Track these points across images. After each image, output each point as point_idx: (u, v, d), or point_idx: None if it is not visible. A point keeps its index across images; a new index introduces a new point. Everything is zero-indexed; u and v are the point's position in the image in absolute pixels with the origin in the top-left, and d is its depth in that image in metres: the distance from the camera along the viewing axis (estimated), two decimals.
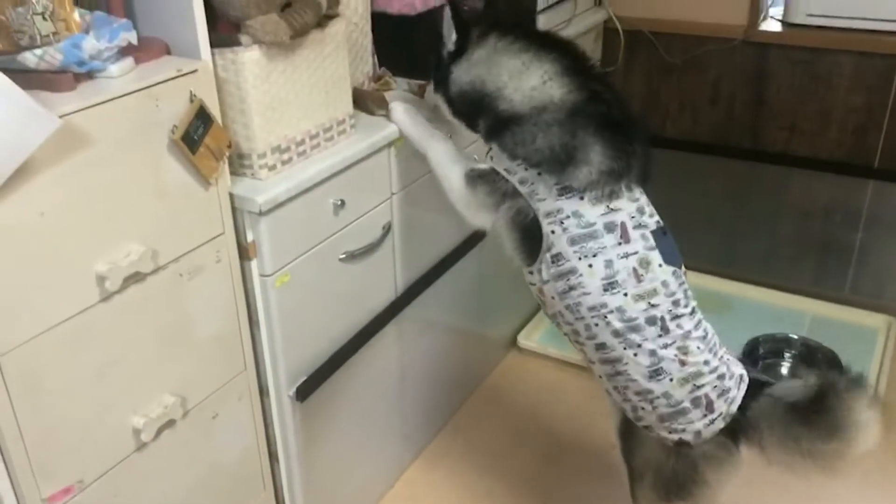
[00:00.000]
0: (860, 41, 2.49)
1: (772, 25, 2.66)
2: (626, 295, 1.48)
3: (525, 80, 1.52)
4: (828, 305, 2.78)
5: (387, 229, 1.84)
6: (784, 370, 2.53)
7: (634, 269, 1.49)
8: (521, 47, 1.55)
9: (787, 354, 2.55)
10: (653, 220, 1.55)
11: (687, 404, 1.51)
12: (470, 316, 2.37)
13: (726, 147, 2.83)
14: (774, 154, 2.76)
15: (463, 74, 1.60)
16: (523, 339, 2.68)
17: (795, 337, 2.56)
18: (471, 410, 2.45)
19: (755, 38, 2.64)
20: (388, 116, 1.77)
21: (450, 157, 1.67)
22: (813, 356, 2.51)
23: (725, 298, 2.85)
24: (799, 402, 1.50)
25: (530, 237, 1.53)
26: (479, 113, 1.59)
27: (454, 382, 2.39)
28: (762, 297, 2.84)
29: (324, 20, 1.56)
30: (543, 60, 1.53)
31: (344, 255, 1.73)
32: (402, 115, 1.75)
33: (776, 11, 2.70)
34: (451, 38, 1.62)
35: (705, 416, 1.51)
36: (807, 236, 2.84)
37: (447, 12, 1.61)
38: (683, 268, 1.58)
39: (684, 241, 2.91)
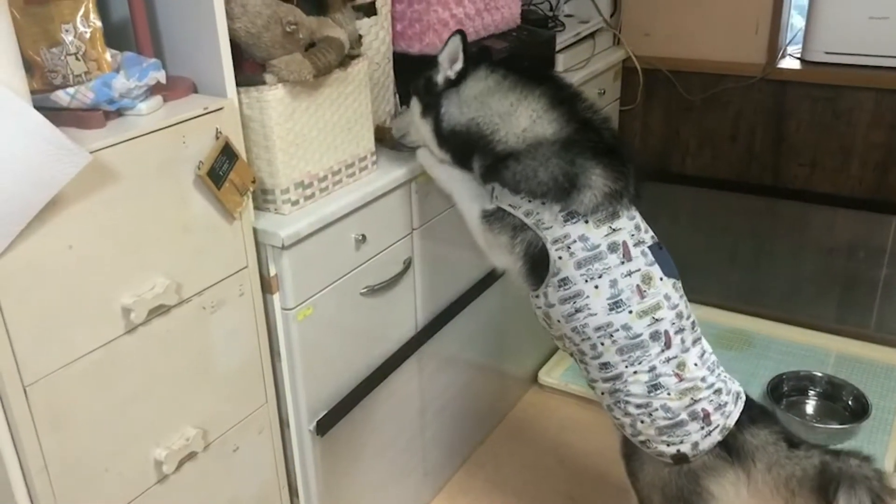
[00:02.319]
0: (880, 78, 2.50)
1: (790, 63, 2.67)
2: (630, 312, 1.52)
3: (516, 122, 1.57)
4: (852, 343, 2.74)
5: (407, 264, 1.86)
6: (809, 408, 2.50)
7: (638, 286, 1.53)
8: (509, 86, 1.60)
9: (811, 392, 2.52)
10: (648, 235, 1.59)
11: (684, 416, 1.54)
12: (490, 352, 2.37)
13: (747, 184, 2.83)
14: (795, 190, 2.76)
15: (455, 112, 1.63)
16: (544, 376, 2.67)
17: (820, 374, 2.52)
18: (492, 447, 2.44)
19: (774, 76, 2.66)
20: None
21: (469, 196, 1.69)
22: (838, 394, 2.48)
23: (748, 335, 2.82)
24: (801, 474, 1.52)
25: (537, 265, 1.56)
26: (474, 153, 1.63)
27: (475, 418, 2.38)
28: (785, 335, 2.81)
29: (346, 60, 1.60)
30: (530, 98, 1.58)
31: (365, 290, 1.75)
32: (426, 156, 1.76)
33: (794, 49, 2.71)
34: (449, 65, 1.63)
35: (702, 428, 1.54)
36: (830, 273, 2.82)
37: (454, 40, 1.61)
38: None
39: (707, 278, 2.95)
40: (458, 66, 1.63)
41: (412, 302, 1.93)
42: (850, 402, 2.44)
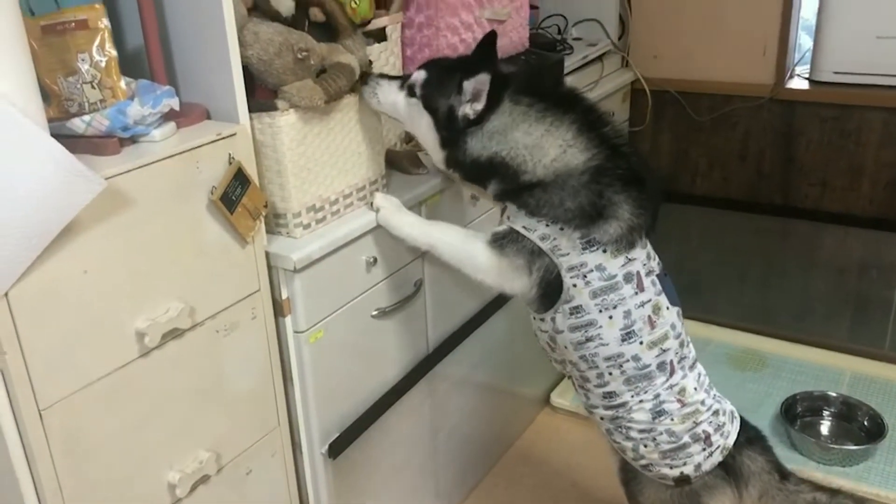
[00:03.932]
0: (888, 97, 2.50)
1: (799, 83, 2.68)
2: (641, 343, 1.51)
3: (545, 154, 1.49)
4: (867, 362, 2.72)
5: (418, 286, 1.87)
6: (824, 429, 2.48)
7: (649, 317, 1.52)
8: (536, 117, 1.51)
9: (826, 412, 2.50)
10: (656, 263, 1.59)
11: (687, 439, 1.54)
12: (502, 373, 2.37)
13: (757, 203, 2.83)
14: (806, 210, 2.76)
15: (478, 147, 1.54)
16: (556, 398, 2.66)
17: (834, 394, 2.51)
18: (504, 470, 2.43)
19: (782, 96, 2.67)
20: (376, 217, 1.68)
21: (465, 237, 1.62)
22: (853, 414, 2.46)
23: (761, 355, 2.81)
24: None
25: (550, 290, 1.53)
26: (492, 178, 1.55)
27: (487, 441, 2.37)
28: (799, 354, 2.79)
29: (357, 85, 1.62)
30: (560, 129, 1.50)
31: (376, 312, 1.76)
32: (393, 217, 1.66)
33: (803, 69, 2.72)
34: (471, 98, 1.52)
35: (704, 449, 1.56)
36: (843, 292, 2.80)
37: (481, 78, 1.50)
38: None
39: (719, 298, 2.95)
40: (479, 106, 1.52)
41: (423, 324, 1.93)
42: (865, 423, 2.42)
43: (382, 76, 1.64)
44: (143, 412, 1.35)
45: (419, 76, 1.59)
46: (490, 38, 1.59)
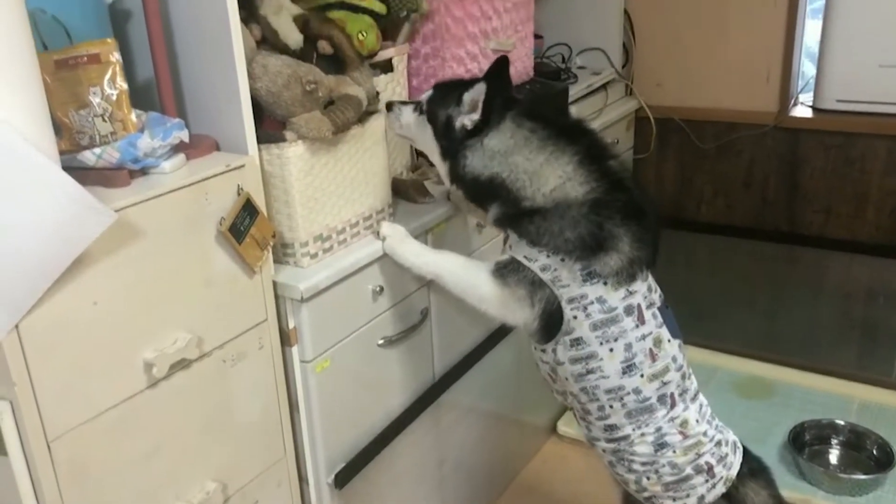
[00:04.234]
0: (892, 125, 2.52)
1: (802, 111, 2.70)
2: (642, 376, 1.51)
3: (545, 183, 1.49)
4: (875, 390, 2.71)
5: (424, 314, 1.87)
6: (832, 457, 2.46)
7: (650, 350, 1.51)
8: (539, 144, 1.51)
9: (834, 441, 2.48)
10: (657, 295, 1.58)
11: (689, 471, 1.53)
12: (508, 402, 2.36)
13: (762, 230, 2.84)
14: (811, 237, 2.76)
15: (478, 164, 1.54)
16: (563, 427, 2.65)
17: (842, 423, 2.49)
18: (510, 499, 2.41)
19: (786, 124, 2.68)
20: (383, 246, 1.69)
21: (469, 267, 1.61)
22: (862, 443, 2.44)
23: (768, 383, 2.80)
24: None
25: (551, 321, 1.52)
26: (494, 200, 1.56)
27: (493, 470, 2.36)
28: (806, 382, 2.78)
29: (364, 116, 1.63)
30: (561, 159, 1.50)
31: (382, 341, 1.76)
32: (399, 246, 1.67)
33: (806, 97, 2.74)
34: (468, 109, 1.54)
35: (707, 481, 1.55)
36: (849, 319, 2.80)
37: (478, 88, 1.51)
38: None
39: (725, 325, 2.94)
40: (475, 117, 1.53)
41: (429, 353, 1.93)
42: (874, 452, 2.40)
43: (403, 103, 1.70)
44: (150, 443, 1.35)
45: (426, 95, 1.65)
46: (501, 63, 1.58)
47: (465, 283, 1.61)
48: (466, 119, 1.55)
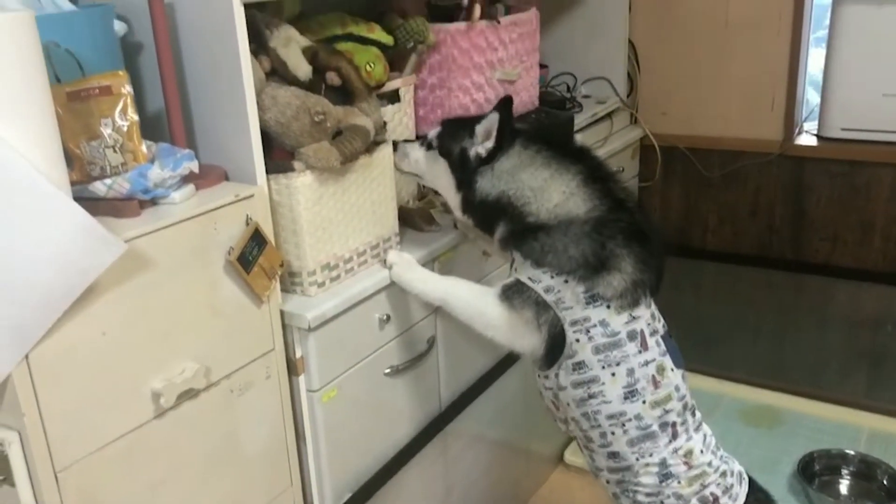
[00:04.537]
0: None
1: (807, 139, 2.71)
2: (644, 402, 1.50)
3: (549, 199, 1.53)
4: (885, 419, 2.68)
5: (431, 343, 1.87)
6: (843, 488, 2.44)
7: (653, 377, 1.51)
8: (542, 162, 1.57)
9: (844, 471, 2.46)
10: (661, 324, 1.58)
11: (695, 502, 1.52)
12: (515, 431, 2.35)
13: (768, 258, 2.84)
14: (817, 265, 2.76)
15: (487, 186, 1.59)
16: (570, 456, 2.63)
17: (852, 453, 2.47)
18: None
19: (791, 153, 2.69)
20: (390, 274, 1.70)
21: (476, 292, 1.63)
22: (872, 473, 2.42)
23: (776, 412, 2.78)
24: None
25: (555, 345, 1.52)
26: (500, 219, 1.59)
27: (500, 499, 2.34)
28: (815, 411, 2.76)
29: (372, 146, 1.65)
30: (565, 175, 1.55)
31: (389, 370, 1.76)
32: (406, 273, 1.68)
33: (811, 125, 2.75)
34: (482, 139, 1.59)
35: None
36: (858, 347, 2.78)
37: (492, 118, 1.57)
38: None
39: (732, 353, 2.93)
40: (490, 145, 1.58)
41: (436, 381, 1.93)
42: (885, 482, 2.38)
43: (407, 141, 1.76)
44: (157, 473, 1.35)
45: (434, 132, 1.70)
46: (506, 101, 1.61)
47: (472, 309, 1.62)
48: (481, 148, 1.60)
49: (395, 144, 1.74)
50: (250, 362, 1.49)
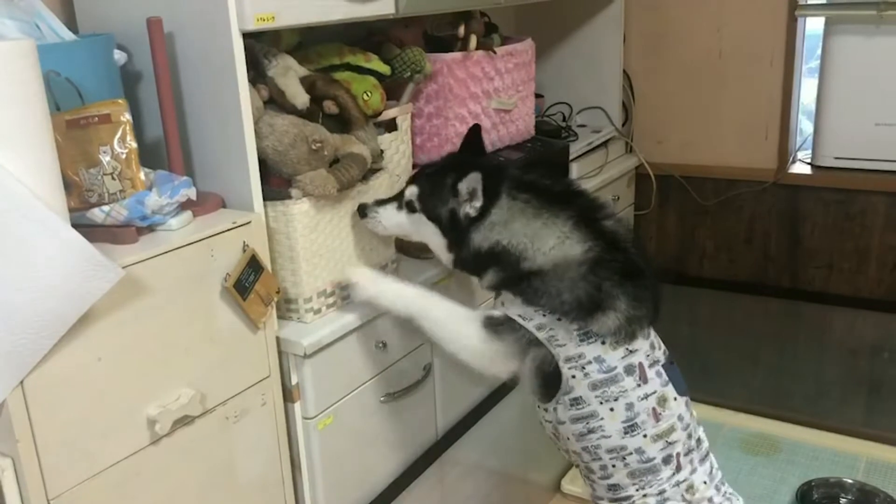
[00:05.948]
0: (890, 182, 2.54)
1: (801, 168, 2.73)
2: (645, 436, 1.49)
3: (545, 242, 1.50)
4: (883, 448, 2.68)
5: (427, 370, 1.87)
6: None
7: (654, 409, 1.50)
8: (534, 212, 1.53)
9: (843, 500, 2.44)
10: (661, 352, 1.57)
11: None
12: (512, 459, 2.34)
13: (764, 286, 2.85)
14: (814, 293, 2.77)
15: (479, 239, 1.55)
16: (567, 485, 2.61)
17: (850, 481, 2.46)
18: None
19: (786, 181, 2.71)
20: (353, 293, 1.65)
21: (457, 315, 1.58)
22: (871, 501, 2.40)
23: (774, 440, 2.77)
24: None
25: (549, 381, 1.51)
26: (491, 267, 1.56)
27: None
28: (813, 439, 2.75)
29: (369, 173, 1.66)
30: (557, 222, 1.51)
31: (385, 397, 1.75)
32: (374, 287, 1.62)
33: (804, 154, 2.78)
34: (468, 197, 1.54)
35: None
36: (855, 375, 2.78)
37: (473, 178, 1.52)
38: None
39: (729, 381, 2.93)
40: (478, 203, 1.53)
41: (432, 409, 1.92)
42: None
43: (378, 203, 1.64)
44: (152, 500, 1.34)
45: (412, 192, 1.61)
46: (474, 131, 1.60)
47: (449, 331, 1.58)
48: (470, 208, 1.54)
49: (364, 209, 1.62)
50: (246, 389, 1.49)
